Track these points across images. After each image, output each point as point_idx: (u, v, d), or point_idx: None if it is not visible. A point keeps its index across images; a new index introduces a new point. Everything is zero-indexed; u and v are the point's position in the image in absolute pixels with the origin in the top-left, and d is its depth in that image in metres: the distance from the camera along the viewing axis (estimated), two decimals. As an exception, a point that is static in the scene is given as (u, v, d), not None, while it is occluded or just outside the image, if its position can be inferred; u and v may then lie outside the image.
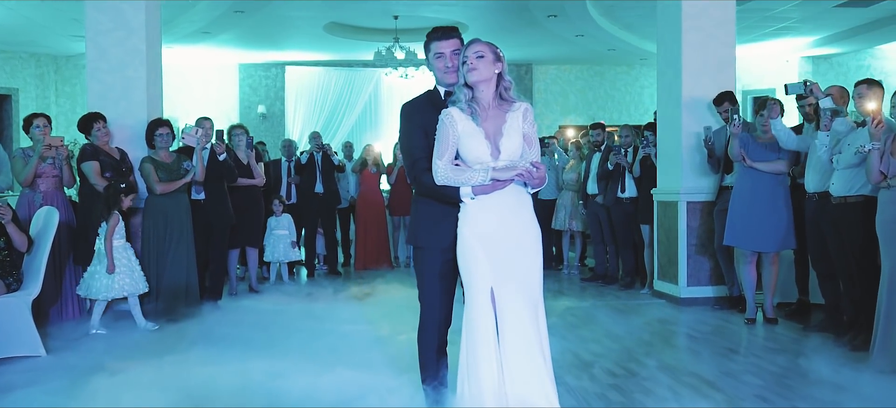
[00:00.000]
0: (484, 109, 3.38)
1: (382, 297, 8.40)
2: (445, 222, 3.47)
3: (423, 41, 3.67)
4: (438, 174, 3.36)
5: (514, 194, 3.38)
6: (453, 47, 3.53)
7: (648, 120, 16.00)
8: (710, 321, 6.56)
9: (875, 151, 4.75)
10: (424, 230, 3.58)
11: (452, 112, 3.37)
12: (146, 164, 6.78)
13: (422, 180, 3.46)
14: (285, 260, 9.29)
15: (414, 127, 3.54)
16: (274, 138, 14.82)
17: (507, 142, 3.36)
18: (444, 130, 3.37)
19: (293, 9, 10.93)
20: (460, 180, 3.34)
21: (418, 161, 3.49)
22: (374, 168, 10.54)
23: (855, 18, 12.02)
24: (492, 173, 3.31)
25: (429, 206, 3.54)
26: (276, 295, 8.36)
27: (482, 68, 3.35)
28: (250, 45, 13.41)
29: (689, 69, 7.35)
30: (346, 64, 15.11)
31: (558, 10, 10.75)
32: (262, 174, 8.42)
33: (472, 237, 3.36)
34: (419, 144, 3.50)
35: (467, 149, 3.36)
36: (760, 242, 6.31)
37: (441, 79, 3.59)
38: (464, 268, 3.40)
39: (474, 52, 3.37)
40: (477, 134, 3.35)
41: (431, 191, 3.43)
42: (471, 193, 3.34)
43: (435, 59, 3.56)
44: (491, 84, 3.40)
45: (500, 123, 3.38)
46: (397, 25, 11.96)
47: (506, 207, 3.37)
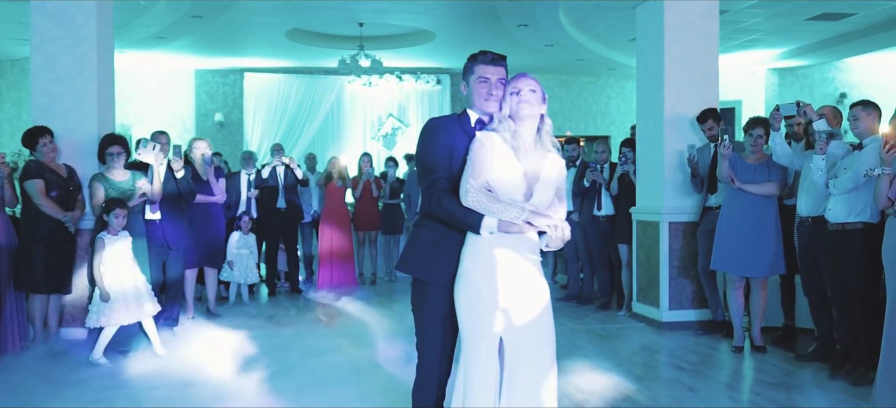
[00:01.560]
0: (524, 148, 3.11)
1: (351, 319, 8.02)
2: (446, 256, 3.15)
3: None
4: (469, 195, 3.02)
5: (530, 246, 3.10)
6: (500, 75, 3.24)
7: (616, 130, 15.96)
8: (696, 349, 6.29)
9: (885, 176, 4.51)
10: (424, 260, 3.21)
11: (494, 137, 3.08)
12: (96, 181, 6.28)
13: (440, 200, 3.11)
14: (248, 282, 8.83)
15: (439, 145, 3.19)
16: (231, 147, 14.31)
17: (541, 189, 3.10)
18: (483, 153, 3.05)
19: (254, 14, 10.46)
20: (493, 210, 3.01)
21: (439, 180, 3.15)
22: (339, 181, 10.13)
23: (823, 32, 11.96)
24: (528, 215, 3.00)
25: (436, 232, 3.19)
26: (238, 318, 7.92)
27: (535, 104, 3.11)
28: (208, 50, 12.88)
29: (671, 84, 7.10)
30: (308, 71, 14.65)
31: (529, 20, 10.46)
32: (222, 191, 7.95)
33: (480, 277, 3.04)
34: (443, 163, 3.17)
35: (501, 181, 3.05)
36: (749, 267, 6.06)
37: (479, 105, 3.24)
38: (466, 310, 3.05)
39: (529, 86, 3.13)
40: (516, 169, 3.07)
41: (447, 213, 3.09)
42: (494, 227, 3.01)
43: (477, 82, 3.23)
44: (534, 123, 3.15)
45: (537, 168, 3.11)
46: (362, 33, 11.56)
47: (520, 255, 3.07)
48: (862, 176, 4.92)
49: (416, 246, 3.26)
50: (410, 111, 15.00)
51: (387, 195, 10.49)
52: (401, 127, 14.94)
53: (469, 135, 3.18)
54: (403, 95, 14.87)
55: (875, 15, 10.81)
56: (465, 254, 3.09)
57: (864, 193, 5.01)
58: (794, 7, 10.36)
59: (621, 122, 15.86)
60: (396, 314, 8.22)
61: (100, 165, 6.55)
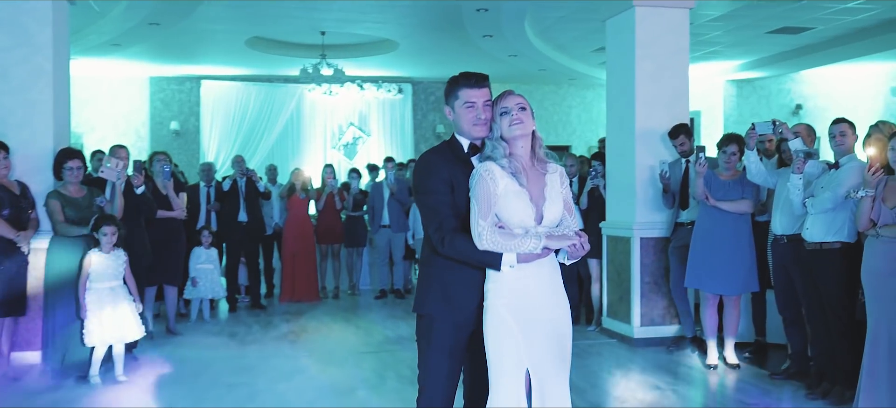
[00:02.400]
0: (523, 168, 3.01)
1: (316, 336, 7.83)
2: (466, 293, 3.05)
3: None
4: (483, 238, 2.91)
5: (549, 266, 3.03)
6: (485, 98, 3.10)
7: (576, 140, 16.01)
8: (670, 367, 6.25)
9: (867, 199, 4.51)
10: (435, 298, 3.10)
11: (493, 168, 2.97)
12: (52, 199, 6.00)
13: (453, 242, 3.00)
14: (210, 297, 8.57)
15: (439, 181, 3.06)
16: (188, 156, 13.97)
17: (550, 206, 3.02)
18: (485, 188, 2.94)
19: (214, 22, 10.20)
20: (509, 246, 2.92)
21: (446, 220, 3.03)
22: (302, 193, 9.91)
23: (783, 45, 12.12)
24: (544, 241, 2.90)
25: (443, 272, 3.07)
26: (199, 337, 7.67)
27: (527, 122, 3.02)
28: (163, 58, 12.54)
29: (642, 99, 7.07)
30: (266, 79, 14.37)
31: (495, 31, 10.38)
32: (182, 206, 7.70)
33: (505, 311, 2.96)
34: (446, 200, 3.05)
35: (510, 210, 2.95)
36: (724, 284, 6.04)
37: (468, 131, 3.11)
38: (495, 347, 2.97)
39: (517, 104, 3.03)
40: (522, 195, 2.97)
41: (463, 254, 2.99)
42: (513, 261, 2.92)
43: (463, 108, 3.09)
44: (528, 141, 3.05)
45: (541, 185, 3.03)
46: (324, 41, 11.36)
47: (542, 278, 3.00)
48: (840, 196, 4.92)
49: (430, 285, 3.14)
50: (372, 120, 14.83)
51: (350, 207, 10.30)
52: (362, 136, 14.75)
53: (465, 163, 3.08)
54: (364, 104, 14.69)
55: (833, 29, 10.98)
56: (488, 288, 3.01)
57: (842, 212, 5.01)
58: (756, 20, 10.47)
59: (582, 132, 15.90)
60: (362, 331, 8.07)
61: (55, 182, 6.26)
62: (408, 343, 7.35)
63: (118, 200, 6.22)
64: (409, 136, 14.98)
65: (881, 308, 4.52)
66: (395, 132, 14.89)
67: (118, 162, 6.24)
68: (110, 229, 5.67)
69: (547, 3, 9.34)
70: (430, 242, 3.11)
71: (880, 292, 4.53)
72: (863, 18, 10.47)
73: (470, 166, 3.06)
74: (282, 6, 9.61)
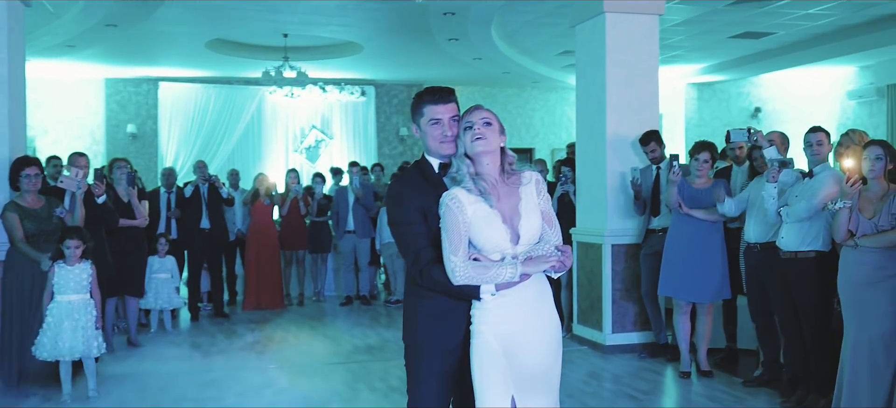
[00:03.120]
0: (492, 185, 2.85)
1: (283, 346, 7.68)
2: (452, 318, 2.93)
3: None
4: (457, 274, 2.78)
5: (536, 283, 2.88)
6: (452, 113, 2.96)
7: (539, 143, 16.02)
8: (643, 375, 6.24)
9: (845, 210, 4.52)
10: (424, 325, 2.98)
11: (458, 194, 2.81)
12: (9, 212, 5.76)
13: (431, 275, 2.87)
14: (169, 307, 8.34)
15: (411, 211, 2.93)
16: (146, 160, 13.66)
17: (526, 224, 2.85)
18: (453, 219, 2.79)
19: (174, 24, 9.96)
20: (485, 279, 2.79)
21: (422, 251, 2.89)
22: (266, 199, 9.73)
23: (744, 49, 12.26)
24: (521, 268, 2.78)
25: (431, 300, 2.95)
26: (161, 349, 7.47)
27: (490, 137, 2.84)
28: (120, 59, 12.22)
29: (613, 106, 7.05)
30: (226, 81, 14.10)
31: (460, 34, 10.31)
32: (145, 214, 7.48)
33: (492, 337, 2.84)
34: (420, 231, 2.91)
35: (483, 237, 2.81)
36: (697, 292, 6.04)
37: (435, 149, 2.98)
38: (480, 372, 2.85)
39: (482, 119, 2.85)
40: (492, 218, 2.81)
41: (442, 287, 2.85)
42: (493, 290, 2.81)
43: (429, 125, 2.95)
44: (496, 157, 2.88)
45: (514, 201, 2.87)
46: (286, 43, 11.17)
47: (529, 301, 2.87)
48: (815, 206, 4.93)
49: (416, 316, 3.02)
50: (334, 123, 14.66)
51: (314, 212, 10.14)
52: (324, 139, 14.57)
53: (437, 185, 2.93)
54: (327, 107, 14.51)
55: (794, 34, 11.13)
56: (473, 315, 2.90)
57: (817, 221, 5.03)
58: (719, 25, 10.57)
59: (545, 134, 15.92)
60: (330, 340, 7.94)
61: (11, 192, 6.01)
62: (377, 353, 7.24)
63: (79, 210, 6.00)
64: (372, 138, 14.83)
65: (861, 318, 4.53)
66: (358, 135, 14.73)
67: (78, 171, 6.03)
68: (74, 243, 5.47)
69: (514, 8, 9.30)
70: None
71: (859, 303, 4.54)
72: (823, 24, 10.64)
73: (443, 188, 2.91)
74: (244, 9, 9.42)
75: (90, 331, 5.49)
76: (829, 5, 9.61)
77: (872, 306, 4.52)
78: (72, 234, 5.49)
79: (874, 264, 4.51)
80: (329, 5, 9.19)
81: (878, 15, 10.26)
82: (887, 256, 4.50)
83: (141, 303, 8.05)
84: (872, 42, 11.06)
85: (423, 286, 2.92)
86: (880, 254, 4.50)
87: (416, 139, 15.37)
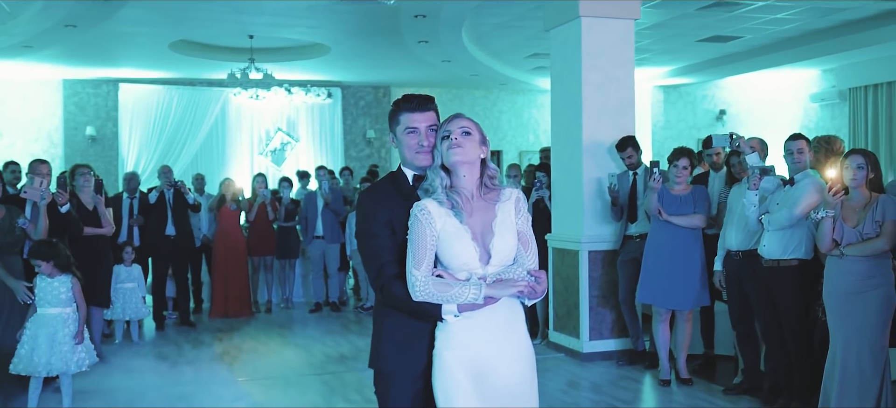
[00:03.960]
0: (466, 200, 2.70)
1: (254, 356, 7.50)
2: (420, 341, 2.75)
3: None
4: (416, 289, 2.62)
5: (505, 307, 2.70)
6: (430, 122, 2.81)
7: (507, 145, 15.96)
8: (623, 384, 6.20)
9: (828, 219, 4.50)
10: (392, 351, 2.80)
11: (428, 206, 2.66)
12: (-32, 222, 5.51)
13: (391, 291, 2.71)
14: (136, 317, 8.09)
15: (377, 224, 2.77)
16: (106, 163, 13.30)
17: (499, 243, 2.68)
18: (420, 230, 2.64)
19: (137, 25, 9.68)
20: (445, 298, 2.62)
21: (386, 266, 2.74)
22: (233, 205, 9.51)
23: (711, 52, 12.33)
24: (486, 291, 2.61)
25: (398, 321, 2.78)
26: (127, 361, 7.24)
27: (468, 148, 2.68)
28: (79, 60, 11.86)
29: (589, 111, 6.99)
30: (189, 82, 13.80)
31: (430, 37, 10.19)
32: (111, 222, 7.24)
33: (455, 364, 2.67)
34: (386, 245, 2.75)
35: (450, 253, 2.66)
36: (677, 300, 6.01)
37: (410, 160, 2.83)
38: (443, 400, 2.69)
39: (460, 128, 2.70)
40: (461, 234, 2.65)
41: (402, 305, 2.70)
42: (455, 310, 2.64)
43: (405, 134, 2.81)
44: (475, 169, 2.72)
45: (488, 218, 2.70)
46: (253, 45, 10.94)
47: (497, 325, 2.69)
48: (796, 215, 4.92)
49: (382, 337, 2.84)
50: (300, 125, 14.42)
51: (282, 218, 9.95)
52: (290, 142, 14.33)
53: (409, 198, 2.77)
54: (292, 109, 14.27)
55: (761, 38, 11.22)
56: (438, 340, 2.72)
57: (799, 229, 5.02)
58: (688, 29, 10.60)
59: (513, 136, 15.88)
60: (301, 349, 7.77)
61: (-30, 201, 5.76)
62: (351, 362, 7.10)
63: (42, 220, 5.75)
64: (339, 141, 14.63)
65: (848, 328, 4.52)
66: (325, 137, 14.52)
67: (41, 180, 5.78)
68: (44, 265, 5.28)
69: (486, 10, 9.21)
70: None
71: (847, 312, 4.52)
72: (789, 28, 10.73)
73: (415, 200, 2.75)
74: (211, 10, 9.19)
75: (68, 346, 5.27)
76: (796, 10, 9.70)
77: (860, 315, 4.51)
78: (39, 253, 5.29)
79: (862, 273, 4.50)
80: (298, 6, 9.00)
81: (843, 20, 10.38)
82: (874, 265, 4.50)
83: (107, 313, 7.82)
84: (835, 46, 11.21)
85: (383, 302, 2.78)
86: (867, 262, 4.50)
87: (383, 141, 15.28)
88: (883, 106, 12.80)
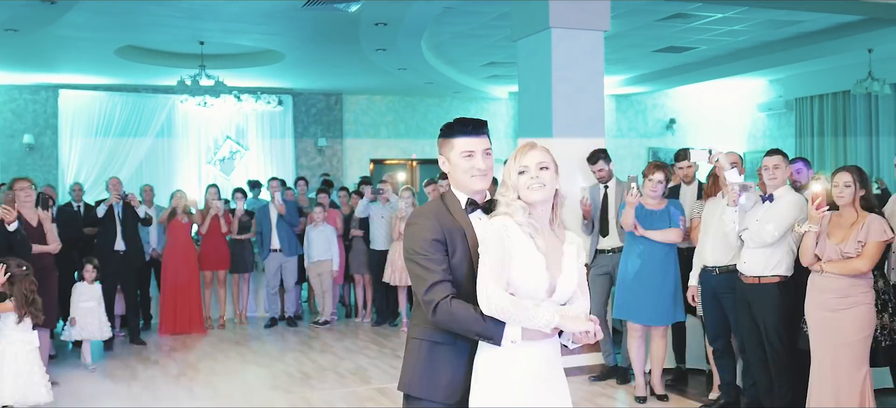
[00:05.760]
0: (541, 232, 2.66)
1: (212, 376, 7.20)
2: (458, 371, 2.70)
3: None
4: (491, 302, 2.54)
5: (550, 343, 2.68)
6: (485, 146, 2.76)
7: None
8: (598, 401, 6.11)
9: (812, 234, 4.48)
10: (426, 377, 2.71)
11: (510, 225, 2.60)
12: None
13: (450, 309, 2.60)
14: (100, 338, 7.68)
15: (431, 244, 2.67)
16: (45, 173, 12.76)
17: (564, 280, 2.67)
18: (501, 246, 2.57)
19: (82, 30, 9.25)
20: (518, 317, 2.54)
21: (440, 285, 2.63)
22: (184, 217, 9.15)
23: (665, 62, 12.45)
24: (558, 319, 2.56)
25: (438, 347, 2.70)
26: (77, 385, 6.88)
27: (548, 183, 2.64)
28: (16, 65, 11.32)
29: (559, 124, 6.91)
30: (133, 89, 13.31)
31: (389, 45, 10.01)
32: (57, 238, 6.85)
33: (497, 393, 2.60)
34: (440, 264, 2.65)
35: (523, 277, 2.59)
36: (652, 315, 5.95)
37: (465, 184, 2.76)
38: None
39: (538, 164, 2.64)
40: (537, 261, 2.61)
41: (461, 324, 2.61)
42: (518, 337, 2.57)
43: (460, 158, 2.74)
44: (549, 203, 2.68)
45: (557, 255, 2.68)
46: (203, 51, 10.59)
47: (540, 358, 2.65)
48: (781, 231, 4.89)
49: (419, 362, 2.73)
50: (250, 133, 14.06)
51: (236, 230, 9.62)
52: (239, 150, 13.96)
53: (462, 222, 2.72)
54: (242, 117, 13.90)
55: (714, 48, 11.36)
56: (479, 365, 2.64)
57: (781, 246, 4.99)
58: (644, 40, 10.66)
59: (465, 145, 15.76)
60: (262, 368, 7.51)
61: None
62: (316, 382, 6.87)
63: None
64: (289, 149, 14.31)
65: (827, 344, 4.52)
66: (275, 146, 14.18)
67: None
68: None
69: (448, 19, 9.08)
70: (420, 309, 2.73)
71: (825, 328, 4.52)
72: (741, 40, 10.88)
73: (467, 225, 2.72)
74: (162, 15, 8.83)
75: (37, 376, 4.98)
76: (751, 22, 9.83)
77: (838, 332, 4.51)
78: None
79: (839, 291, 4.50)
80: (255, 13, 8.72)
81: (795, 33, 10.58)
82: (852, 284, 4.50)
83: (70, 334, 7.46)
84: (784, 58, 11.44)
85: (436, 322, 2.66)
86: (845, 281, 4.50)
87: (335, 150, 15.02)
88: (828, 116, 13.11)
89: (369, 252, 9.47)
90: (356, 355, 7.86)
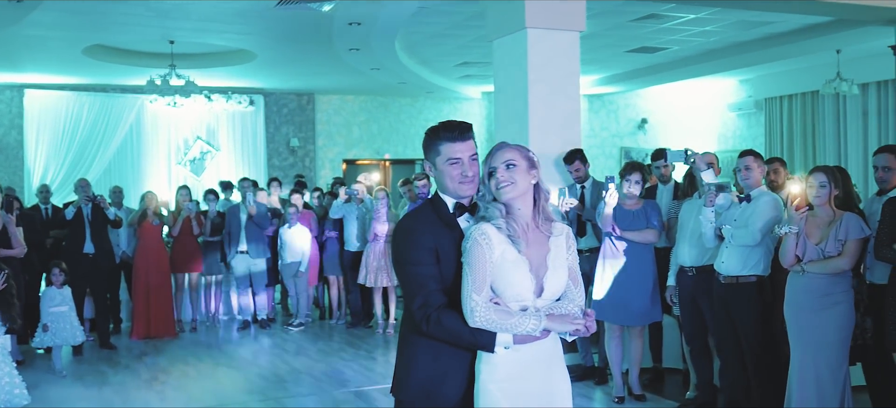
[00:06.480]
0: (523, 230, 2.62)
1: (185, 381, 7.12)
2: (453, 378, 2.67)
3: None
4: (476, 314, 2.53)
5: (551, 341, 2.66)
6: (472, 151, 2.72)
7: (432, 153, 15.80)
8: (577, 402, 6.04)
9: (792, 235, 4.50)
10: (421, 385, 2.69)
11: (488, 231, 2.57)
12: None
13: (441, 320, 2.59)
14: (73, 343, 7.52)
15: (422, 251, 2.65)
16: (10, 174, 12.50)
17: (552, 277, 2.64)
18: (480, 255, 2.54)
19: (48, 29, 9.06)
20: (505, 326, 2.54)
21: (433, 294, 2.62)
22: (155, 219, 9.00)
23: (637, 63, 12.50)
24: (545, 323, 2.54)
25: (432, 354, 2.67)
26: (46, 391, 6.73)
27: (519, 181, 2.60)
28: (-21, 65, 11.09)
29: (535, 124, 6.87)
30: (101, 89, 13.09)
31: (363, 45, 9.93)
32: (22, 242, 6.70)
33: (502, 395, 2.59)
34: (432, 273, 2.64)
35: (506, 282, 2.57)
36: (629, 316, 5.95)
37: (453, 190, 2.72)
38: None
39: (503, 162, 2.61)
40: (520, 264, 2.58)
41: (453, 334, 2.60)
42: (510, 341, 2.56)
43: (447, 164, 2.71)
44: (528, 198, 2.64)
45: (543, 251, 2.64)
46: (173, 50, 10.43)
47: (541, 359, 2.64)
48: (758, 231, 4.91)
49: (412, 368, 2.71)
50: (220, 134, 13.89)
51: (208, 232, 9.49)
52: (210, 151, 13.78)
53: (451, 226, 2.69)
54: (212, 117, 13.72)
55: (687, 49, 11.43)
56: (479, 368, 2.63)
57: (759, 246, 5.02)
58: (617, 40, 10.69)
59: (438, 144, 15.73)
60: (236, 372, 7.42)
61: None
62: (292, 387, 6.79)
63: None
64: (261, 150, 14.16)
65: (807, 345, 4.55)
66: (247, 146, 14.03)
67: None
68: None
69: (422, 19, 9.03)
70: (412, 318, 2.69)
71: (805, 329, 4.55)
72: (713, 40, 10.96)
73: (457, 229, 2.69)
74: (132, 14, 8.67)
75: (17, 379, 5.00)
76: (724, 23, 9.90)
77: (819, 332, 4.54)
78: None
79: (820, 291, 4.54)
80: (227, 12, 8.60)
81: (766, 34, 10.67)
82: (832, 283, 4.54)
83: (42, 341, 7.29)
84: (755, 59, 11.54)
85: (428, 334, 2.63)
86: (826, 280, 4.53)
87: (307, 150, 14.90)
88: (797, 116, 13.27)
89: (343, 253, 9.40)
90: (331, 358, 7.79)
